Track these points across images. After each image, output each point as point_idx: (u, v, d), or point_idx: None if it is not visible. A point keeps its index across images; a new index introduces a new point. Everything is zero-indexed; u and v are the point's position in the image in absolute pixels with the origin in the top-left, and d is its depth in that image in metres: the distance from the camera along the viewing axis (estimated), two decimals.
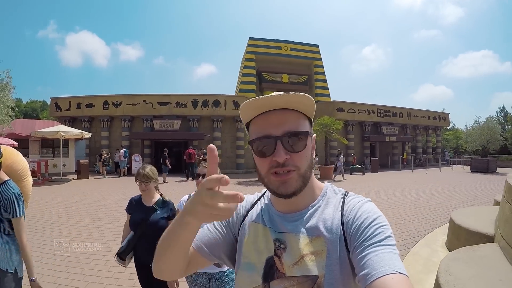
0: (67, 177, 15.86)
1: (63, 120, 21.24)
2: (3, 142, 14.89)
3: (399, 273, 0.59)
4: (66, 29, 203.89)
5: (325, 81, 26.55)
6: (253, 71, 25.05)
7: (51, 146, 18.59)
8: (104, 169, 17.70)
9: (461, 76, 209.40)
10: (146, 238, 2.50)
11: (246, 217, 0.91)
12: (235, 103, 21.62)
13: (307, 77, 25.76)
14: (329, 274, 0.72)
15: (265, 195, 0.95)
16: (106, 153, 18.63)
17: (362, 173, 19.88)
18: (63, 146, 15.96)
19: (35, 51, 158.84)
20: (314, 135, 0.86)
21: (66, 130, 14.97)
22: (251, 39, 25.89)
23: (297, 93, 0.73)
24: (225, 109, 21.57)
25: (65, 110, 21.82)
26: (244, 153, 21.70)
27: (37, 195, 10.24)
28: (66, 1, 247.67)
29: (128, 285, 3.68)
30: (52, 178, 15.30)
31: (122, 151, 18.10)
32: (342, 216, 0.77)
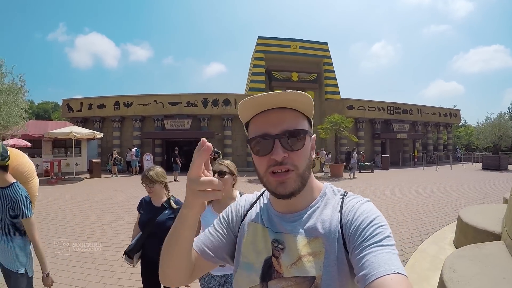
0: (79, 176, 16.15)
1: (75, 121, 21.61)
2: (17, 143, 15.31)
3: (398, 273, 0.59)
4: (76, 31, 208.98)
5: (335, 79, 26.35)
6: (262, 69, 25.02)
7: (63, 146, 18.99)
8: (115, 168, 18.00)
9: (472, 72, 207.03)
10: (154, 237, 2.49)
11: (245, 217, 0.92)
12: None
13: (316, 75, 25.59)
14: (326, 275, 0.72)
15: (264, 194, 0.96)
16: (117, 152, 18.94)
17: (371, 170, 19.70)
18: (75, 146, 16.32)
19: (45, 53, 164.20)
20: (314, 135, 0.86)
21: (78, 130, 15.29)
22: (260, 38, 25.84)
23: (294, 91, 0.72)
24: (235, 108, 21.43)
25: (77, 111, 22.28)
26: None
27: (51, 193, 10.57)
28: (75, 3, 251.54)
29: None
30: (65, 177, 15.58)
31: (133, 150, 18.38)
32: (341, 217, 0.78)
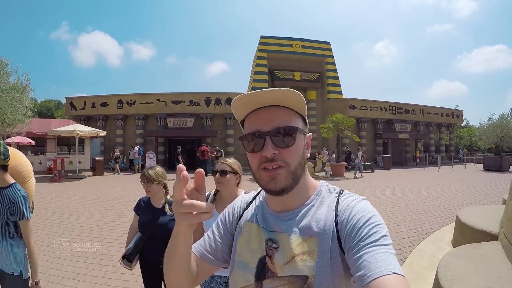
0: (82, 174, 16.30)
1: (78, 119, 21.75)
2: (21, 141, 15.45)
3: (395, 273, 0.59)
4: (79, 29, 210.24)
5: (337, 78, 26.32)
6: (265, 69, 25.02)
7: (66, 144, 19.11)
8: (117, 166, 18.13)
9: (475, 72, 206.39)
10: (155, 240, 2.44)
11: (242, 216, 0.93)
12: None
13: (319, 74, 25.54)
14: (319, 275, 0.72)
15: (260, 194, 0.97)
16: (119, 150, 19.06)
17: (372, 170, 19.70)
18: (78, 144, 16.47)
19: (48, 52, 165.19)
20: (310, 134, 0.86)
21: (82, 129, 15.45)
22: (262, 37, 25.82)
23: (284, 89, 0.73)
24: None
25: (80, 109, 22.45)
26: None
27: (54, 191, 10.69)
28: (78, 2, 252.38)
29: None
30: (68, 175, 15.68)
31: (136, 148, 18.48)
32: (336, 216, 0.77)
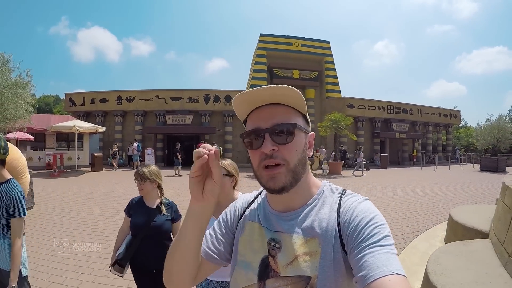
0: (81, 169, 16.35)
1: (77, 115, 21.78)
2: (21, 137, 15.53)
3: (397, 274, 0.59)
4: (78, 25, 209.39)
5: (336, 77, 26.40)
6: (264, 67, 25.06)
7: (65, 140, 19.23)
8: (115, 161, 18.21)
9: (475, 73, 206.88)
10: (148, 242, 2.33)
11: (243, 216, 0.93)
12: None
13: (318, 73, 25.60)
14: (322, 275, 0.72)
15: (262, 193, 0.97)
16: (117, 146, 19.15)
17: (367, 169, 19.77)
18: (77, 139, 16.51)
19: (47, 47, 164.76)
20: (312, 132, 0.86)
21: (81, 124, 15.47)
22: (262, 35, 25.85)
23: (281, 86, 0.72)
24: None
25: (79, 105, 22.49)
26: None
27: (54, 186, 10.77)
28: None
29: None
30: (67, 170, 15.73)
31: (135, 144, 18.53)
32: (338, 216, 0.77)
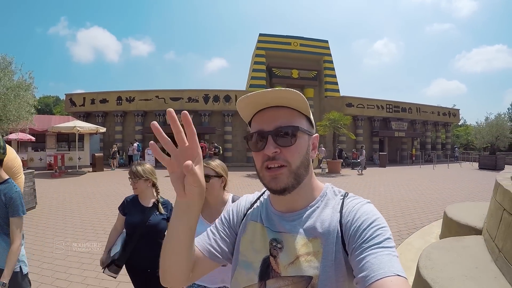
0: (82, 169, 16.44)
1: (77, 115, 21.90)
2: (22, 138, 15.64)
3: (398, 275, 0.60)
4: (77, 25, 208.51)
5: (335, 77, 26.50)
6: (263, 66, 25.16)
7: (66, 140, 19.28)
8: (114, 161, 18.32)
9: (474, 71, 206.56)
10: (144, 241, 2.32)
11: (246, 216, 0.94)
12: None
13: (316, 72, 25.68)
14: (323, 276, 0.72)
15: (264, 194, 0.97)
16: (117, 146, 19.29)
17: (364, 167, 19.85)
18: (78, 140, 16.63)
19: (46, 47, 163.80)
20: (316, 134, 0.87)
21: (82, 125, 15.56)
22: (261, 35, 25.94)
23: (284, 89, 0.74)
24: (236, 104, 21.76)
25: (79, 105, 22.62)
26: None
27: (55, 186, 10.87)
28: None
29: None
30: (68, 170, 15.79)
31: (135, 144, 18.64)
32: (341, 217, 0.77)
